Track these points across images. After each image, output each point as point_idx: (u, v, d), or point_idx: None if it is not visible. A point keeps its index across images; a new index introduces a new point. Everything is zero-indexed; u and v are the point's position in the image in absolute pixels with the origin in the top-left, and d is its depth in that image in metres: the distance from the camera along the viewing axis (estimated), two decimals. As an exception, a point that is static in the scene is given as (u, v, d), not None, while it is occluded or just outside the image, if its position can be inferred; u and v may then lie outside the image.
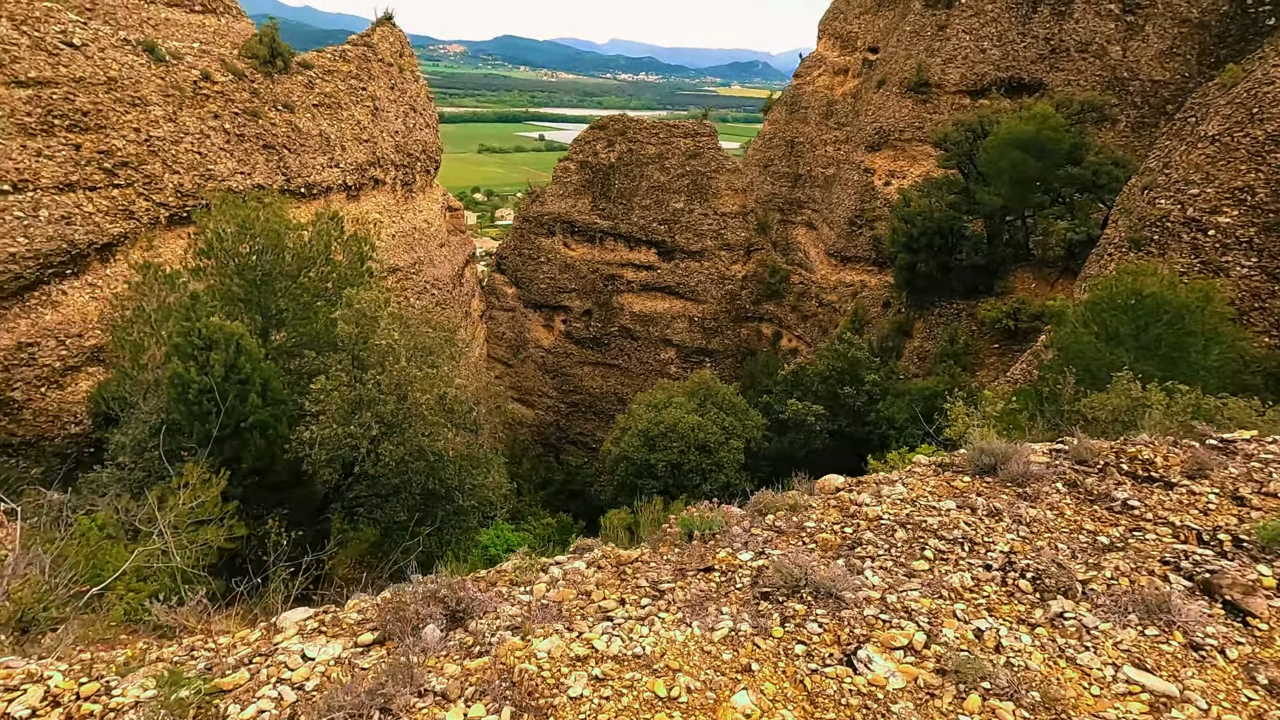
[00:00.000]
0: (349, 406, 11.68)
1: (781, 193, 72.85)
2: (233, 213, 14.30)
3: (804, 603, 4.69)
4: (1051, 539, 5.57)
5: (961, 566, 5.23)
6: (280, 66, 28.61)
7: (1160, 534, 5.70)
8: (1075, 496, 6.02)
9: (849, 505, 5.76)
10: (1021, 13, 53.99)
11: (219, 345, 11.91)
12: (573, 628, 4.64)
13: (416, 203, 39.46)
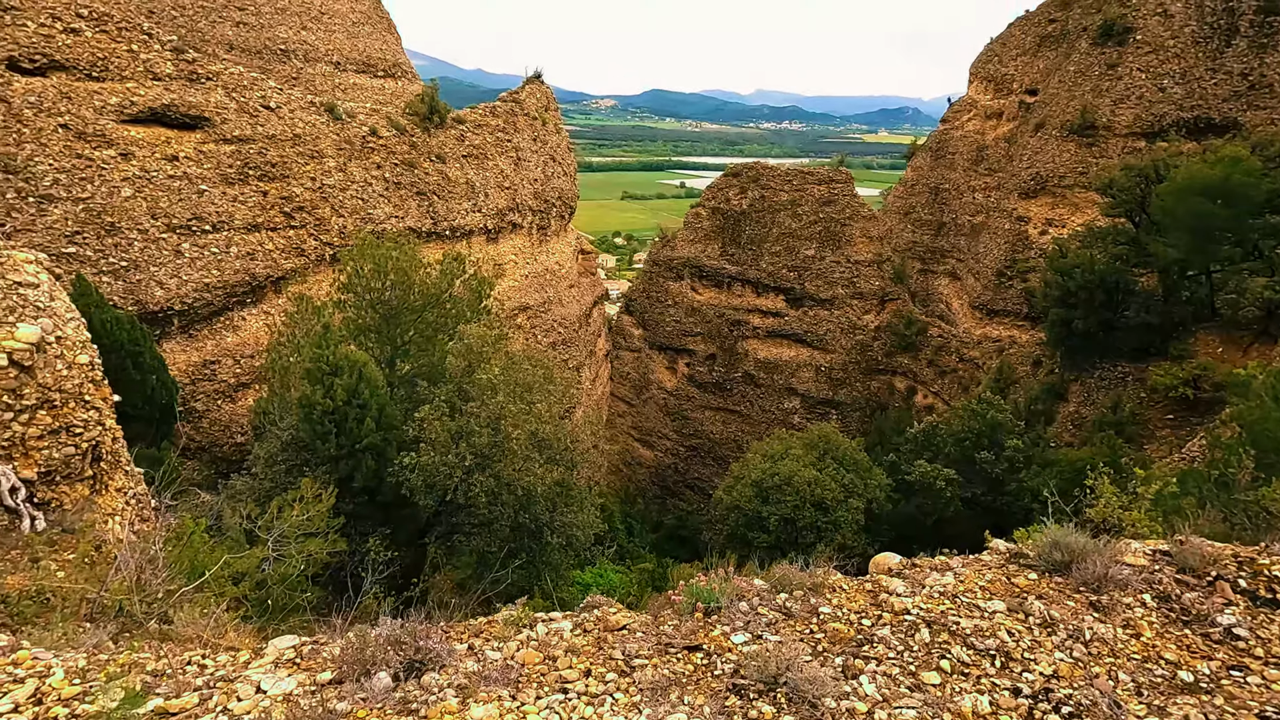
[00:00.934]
0: (448, 436, 12.31)
1: (923, 241, 69.35)
2: (371, 252, 15.80)
3: (774, 705, 4.10)
4: (1113, 665, 4.49)
5: (983, 686, 4.32)
6: (436, 122, 31.62)
7: (1270, 678, 4.42)
8: (1164, 614, 4.78)
9: (880, 592, 4.96)
10: (1211, 47, 48.52)
11: (344, 372, 13.06)
12: (517, 697, 4.34)
13: (550, 245, 41.65)
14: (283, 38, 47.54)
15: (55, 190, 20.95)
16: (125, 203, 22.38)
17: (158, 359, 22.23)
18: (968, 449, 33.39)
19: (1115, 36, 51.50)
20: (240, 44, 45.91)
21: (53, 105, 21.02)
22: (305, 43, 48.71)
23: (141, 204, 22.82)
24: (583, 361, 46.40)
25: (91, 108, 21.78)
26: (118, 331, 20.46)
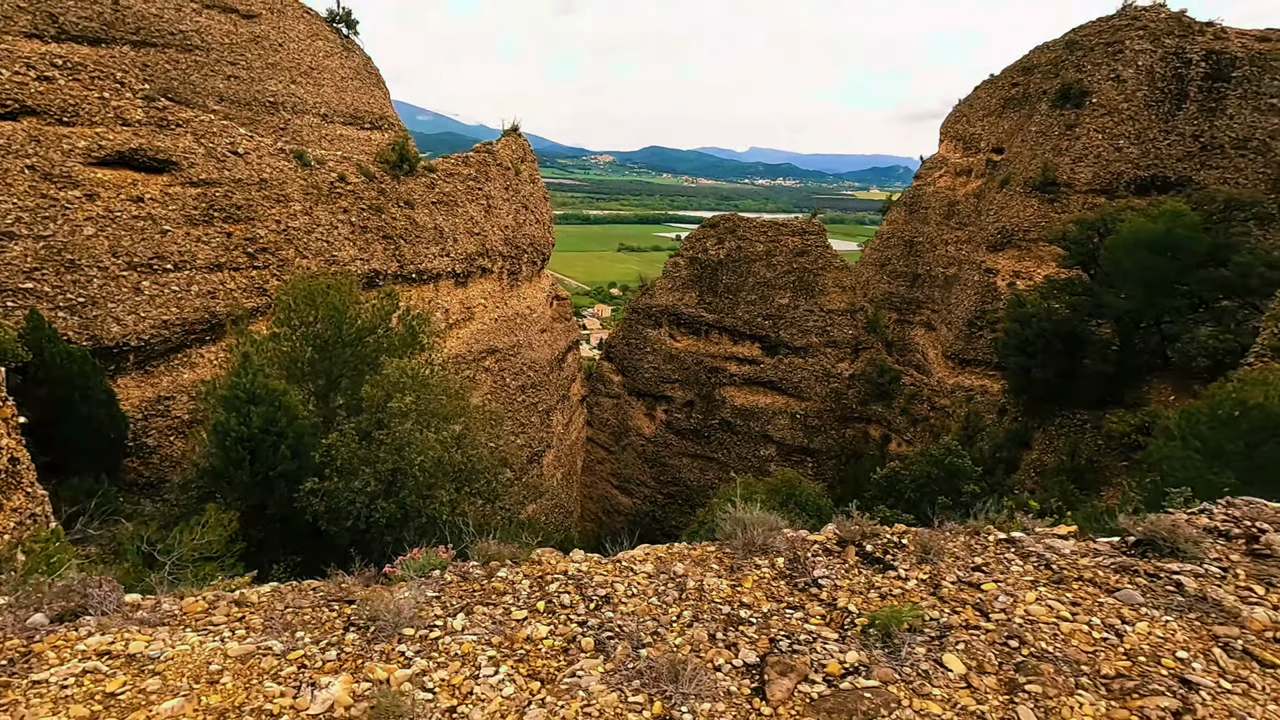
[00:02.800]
0: (356, 462, 12.58)
1: (899, 292, 70.70)
2: (303, 287, 16.35)
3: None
4: (697, 606, 5.20)
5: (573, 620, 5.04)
6: (406, 169, 32.74)
7: (810, 612, 5.13)
8: (780, 571, 5.30)
9: (554, 571, 5.42)
10: (1163, 110, 50.74)
11: (262, 400, 13.40)
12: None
13: (521, 290, 42.45)
14: (272, 90, 49.31)
15: (16, 228, 21.61)
16: (87, 241, 23.05)
17: (108, 393, 22.52)
18: (927, 494, 33.49)
19: (1072, 100, 53.81)
20: (231, 96, 47.60)
21: (21, 148, 21.90)
22: (294, 95, 50.49)
23: (103, 242, 23.49)
24: (554, 406, 46.65)
25: (60, 150, 22.67)
26: (68, 365, 20.83)
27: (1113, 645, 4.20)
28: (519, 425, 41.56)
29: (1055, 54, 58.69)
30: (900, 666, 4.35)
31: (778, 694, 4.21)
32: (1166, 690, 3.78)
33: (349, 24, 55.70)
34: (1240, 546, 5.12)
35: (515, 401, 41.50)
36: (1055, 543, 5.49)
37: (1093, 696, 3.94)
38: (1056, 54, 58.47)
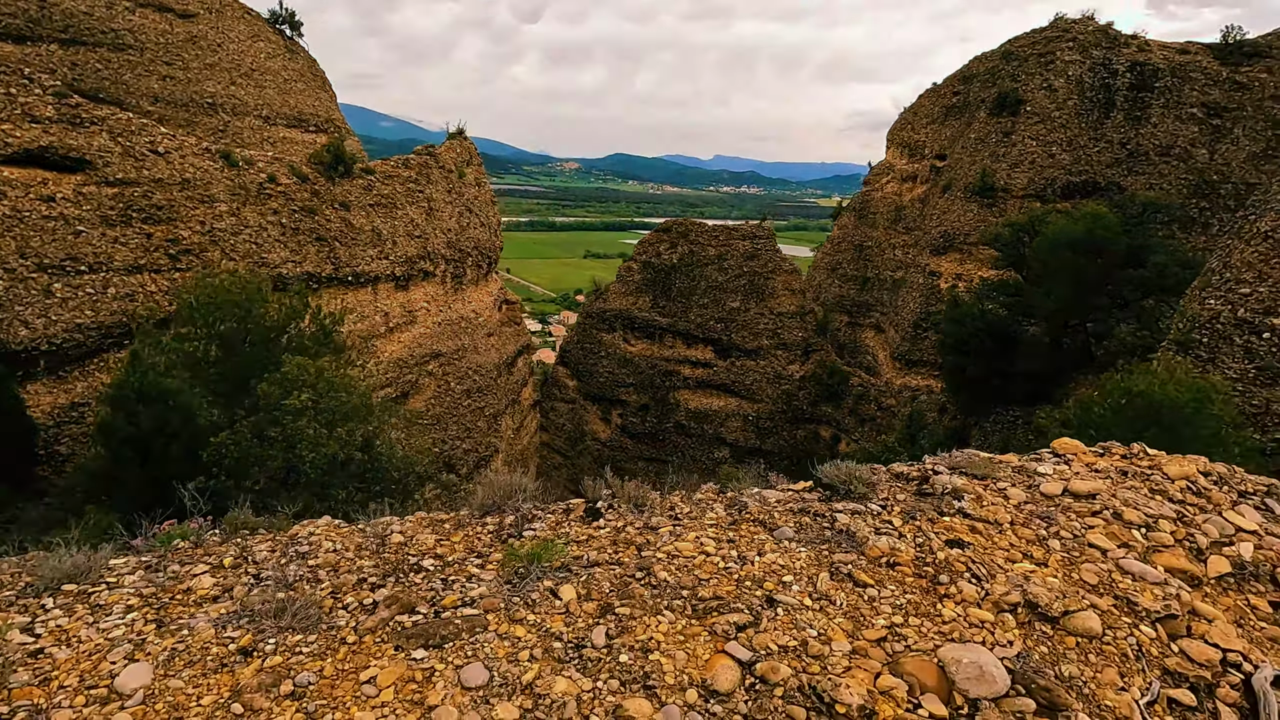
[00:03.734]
0: (249, 463, 12.35)
1: (850, 295, 72.04)
2: (204, 286, 15.99)
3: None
4: (376, 562, 5.50)
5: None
6: (341, 171, 32.27)
7: (489, 558, 5.56)
8: (494, 529, 5.59)
9: (297, 535, 5.53)
10: (1092, 118, 52.78)
11: (152, 400, 13.05)
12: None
13: (466, 294, 42.11)
14: (211, 92, 48.19)
15: (-87, 227, 20.74)
16: (-8, 241, 22.20)
17: (14, 399, 21.67)
18: (866, 492, 34.12)
19: (1009, 107, 55.63)
20: (166, 97, 46.37)
21: (-82, 144, 21.04)
22: (234, 97, 49.42)
23: (10, 243, 22.65)
24: (502, 410, 46.29)
25: (-38, 148, 21.83)
26: (-33, 370, 20.00)
27: (730, 573, 4.38)
28: (464, 430, 41.14)
29: (993, 64, 60.66)
30: (512, 596, 4.49)
31: (368, 623, 4.40)
32: (746, 608, 3.96)
33: (293, 25, 54.80)
34: (912, 488, 5.36)
35: (460, 406, 41.09)
36: (767, 493, 5.71)
37: (673, 616, 4.15)
38: (994, 64, 60.45)
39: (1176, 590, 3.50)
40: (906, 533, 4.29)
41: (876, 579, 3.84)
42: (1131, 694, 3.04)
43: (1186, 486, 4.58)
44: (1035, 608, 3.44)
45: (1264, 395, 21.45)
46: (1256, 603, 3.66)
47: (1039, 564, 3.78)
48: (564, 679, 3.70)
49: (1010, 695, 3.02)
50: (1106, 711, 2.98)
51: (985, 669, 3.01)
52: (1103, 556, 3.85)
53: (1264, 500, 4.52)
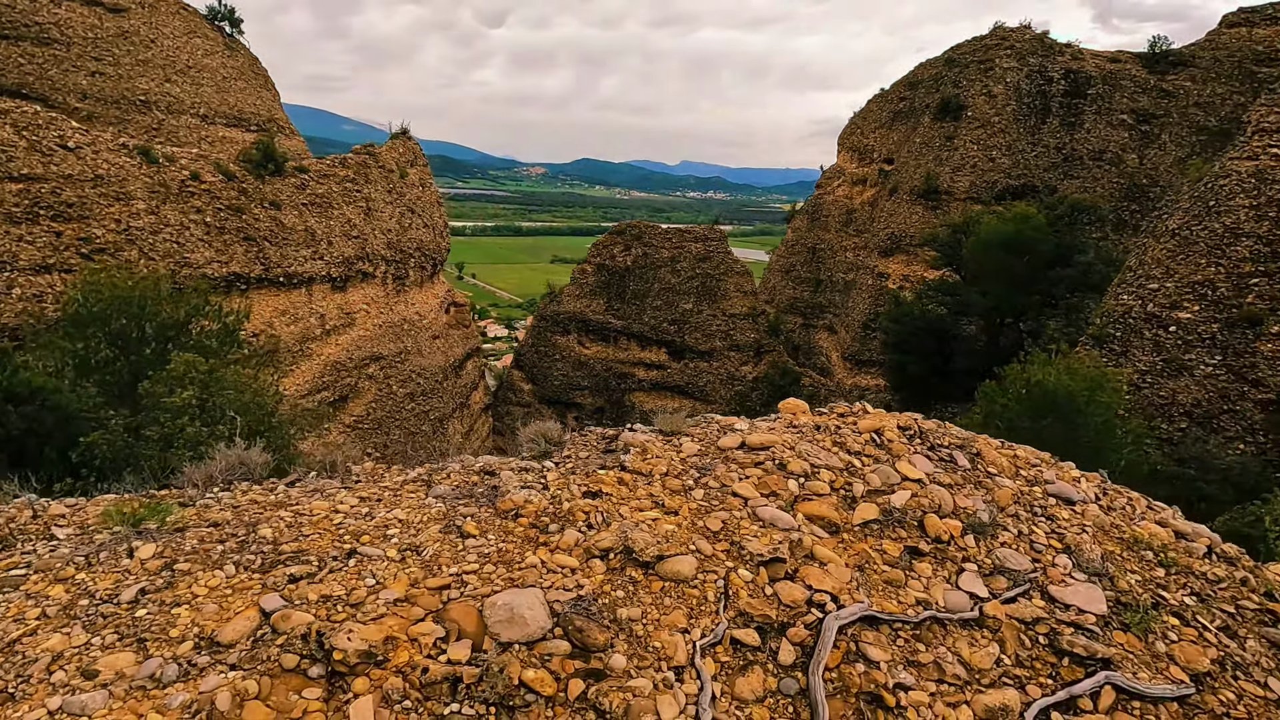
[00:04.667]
0: (120, 463, 11.88)
1: (804, 297, 73.01)
2: (92, 284, 15.38)
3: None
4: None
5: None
6: (272, 169, 31.51)
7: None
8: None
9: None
10: (1030, 124, 54.33)
11: (22, 399, 12.45)
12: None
13: (409, 296, 41.46)
14: (144, 89, 46.74)
15: None
16: (-120, 239, 21.13)
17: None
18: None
19: (951, 113, 57.00)
20: (96, 93, 44.83)
21: None
22: (169, 95, 48.01)
23: (-98, 241, 21.59)
24: (449, 414, 45.64)
25: None
26: None
27: (341, 528, 4.32)
28: (407, 434, 40.46)
29: (937, 70, 62.15)
30: (76, 555, 4.38)
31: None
32: (318, 561, 3.93)
33: (233, 22, 53.50)
34: (602, 445, 5.36)
35: (403, 410, 40.41)
36: (474, 460, 5.69)
37: (233, 570, 4.13)
38: (938, 70, 61.94)
39: (799, 536, 3.49)
40: (553, 485, 4.23)
41: (483, 530, 3.76)
42: (692, 635, 3.01)
43: (870, 440, 4.60)
44: (631, 553, 3.39)
45: (1170, 386, 22.21)
46: (888, 547, 3.67)
47: (670, 512, 3.75)
48: (60, 635, 3.54)
49: (546, 639, 2.96)
50: (653, 653, 2.93)
51: (517, 612, 2.95)
52: (741, 504, 3.83)
53: (952, 453, 4.58)
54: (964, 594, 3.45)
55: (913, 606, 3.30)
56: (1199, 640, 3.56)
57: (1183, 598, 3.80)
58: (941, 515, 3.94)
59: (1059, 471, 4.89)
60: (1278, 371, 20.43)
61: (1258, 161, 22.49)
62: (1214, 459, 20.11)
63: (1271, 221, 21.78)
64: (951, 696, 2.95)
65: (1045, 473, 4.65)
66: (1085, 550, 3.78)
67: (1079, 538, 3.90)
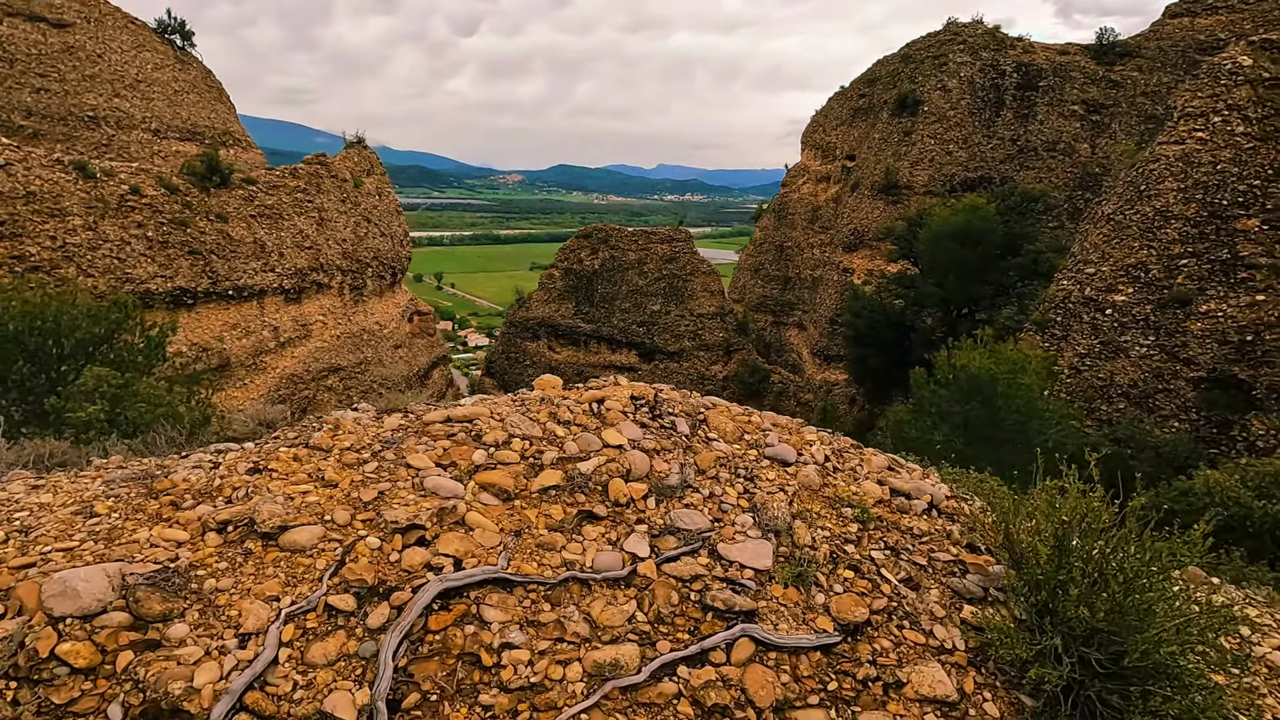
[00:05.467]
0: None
1: (773, 295, 73.41)
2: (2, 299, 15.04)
3: None
4: None
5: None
6: (217, 182, 31.12)
7: None
8: None
9: None
10: (984, 117, 55.14)
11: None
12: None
13: (368, 306, 41.09)
14: (91, 104, 46.06)
15: None
16: None
17: None
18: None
19: (908, 108, 57.67)
20: (41, 110, 44.11)
21: None
22: (119, 110, 47.35)
23: None
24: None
25: None
26: None
27: None
28: (369, 445, 39.95)
29: (894, 67, 62.90)
30: None
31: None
32: None
33: (184, 35, 52.86)
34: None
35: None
36: None
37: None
38: (895, 67, 62.68)
39: (457, 503, 3.48)
40: (225, 465, 4.19)
41: (114, 509, 3.71)
42: (282, 603, 2.99)
43: (588, 409, 4.61)
44: (253, 525, 3.37)
45: (1107, 368, 22.57)
46: (554, 511, 3.67)
47: (329, 485, 3.72)
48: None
49: (105, 612, 2.93)
50: (224, 621, 2.90)
51: (70, 585, 2.91)
52: (411, 475, 3.81)
53: (675, 420, 4.60)
54: (622, 555, 3.45)
55: (557, 568, 3.29)
56: (870, 592, 3.60)
57: (872, 552, 3.84)
58: (630, 480, 3.95)
59: (790, 436, 4.92)
60: (1207, 349, 20.85)
61: (1184, 145, 22.98)
62: (1148, 438, 20.44)
63: (1198, 203, 22.25)
64: (564, 654, 2.94)
65: (770, 436, 4.68)
66: (772, 509, 3.81)
67: (772, 497, 3.93)
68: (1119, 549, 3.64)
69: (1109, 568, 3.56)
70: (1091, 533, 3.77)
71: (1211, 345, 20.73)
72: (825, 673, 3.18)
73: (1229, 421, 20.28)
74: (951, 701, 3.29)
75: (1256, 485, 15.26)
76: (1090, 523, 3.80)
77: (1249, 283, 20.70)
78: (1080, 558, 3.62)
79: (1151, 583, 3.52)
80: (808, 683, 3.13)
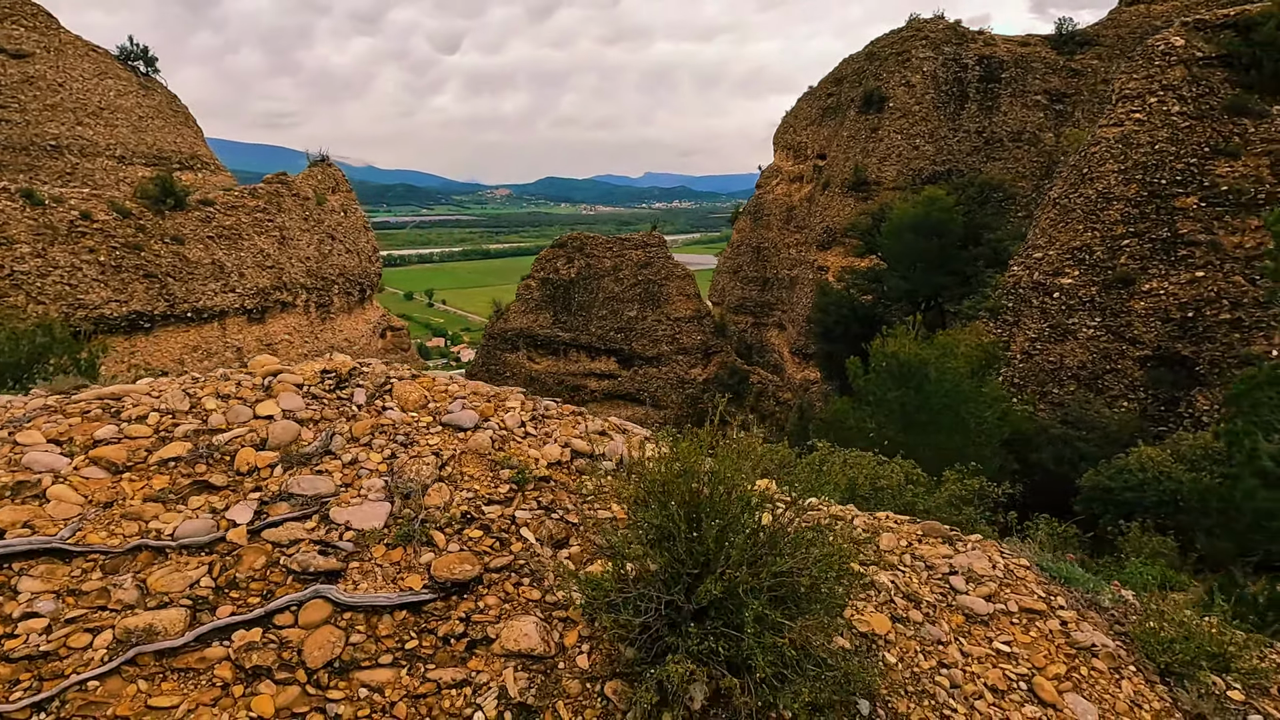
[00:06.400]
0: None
1: (752, 296, 73.60)
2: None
3: None
4: None
5: None
6: (172, 204, 31.02)
7: None
8: None
9: None
10: (949, 111, 55.52)
11: None
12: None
13: (336, 323, 40.94)
14: (54, 133, 45.94)
15: None
16: None
17: None
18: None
19: (874, 105, 58.04)
20: (3, 141, 43.99)
21: None
22: (82, 138, 47.23)
23: None
24: (391, 439, 44.83)
25: None
26: None
27: None
28: (341, 462, 39.72)
29: (859, 64, 63.34)
30: None
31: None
32: None
33: (147, 61, 52.86)
34: None
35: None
36: None
37: None
38: (860, 64, 63.12)
39: (42, 476, 3.41)
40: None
41: None
42: None
43: (260, 384, 4.57)
44: None
45: (1057, 351, 22.61)
46: (159, 481, 3.61)
47: None
48: None
49: None
50: None
51: None
52: (14, 449, 3.72)
53: (353, 391, 4.54)
54: (217, 521, 3.39)
55: (130, 537, 3.22)
56: (496, 550, 3.54)
57: (518, 511, 3.79)
58: (265, 449, 3.89)
59: (483, 404, 4.85)
60: (1152, 328, 20.91)
61: (1123, 127, 23.12)
62: (1097, 419, 20.44)
63: (1138, 184, 22.37)
64: (97, 622, 2.87)
65: (454, 404, 4.62)
66: (409, 472, 3.75)
67: (417, 460, 3.87)
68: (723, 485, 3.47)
69: (709, 505, 3.39)
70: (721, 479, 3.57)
71: (1155, 324, 20.79)
72: (408, 631, 3.11)
73: (1175, 399, 20.32)
74: (539, 654, 3.25)
75: (1190, 459, 15.27)
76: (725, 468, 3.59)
77: (1189, 260, 20.78)
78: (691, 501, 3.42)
79: (745, 518, 3.38)
80: (386, 642, 3.06)
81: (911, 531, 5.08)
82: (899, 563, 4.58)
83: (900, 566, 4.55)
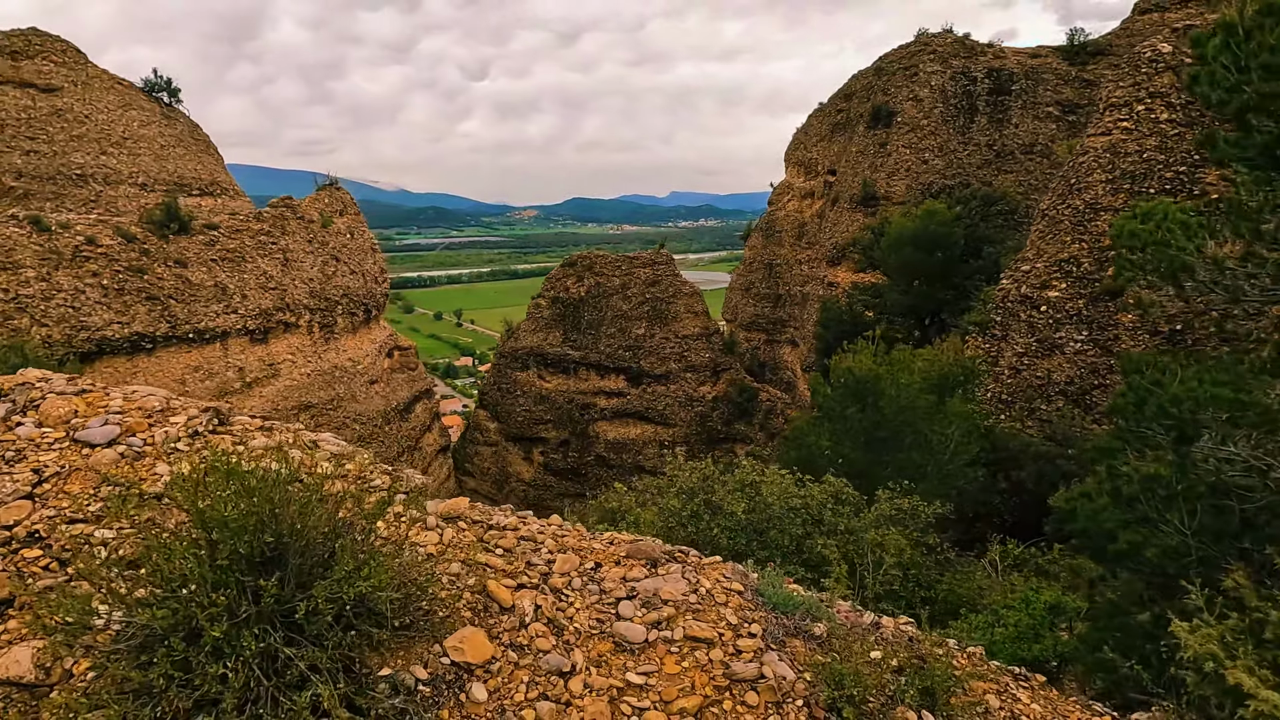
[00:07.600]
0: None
1: (765, 313, 73.04)
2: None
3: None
4: None
5: None
6: (176, 229, 32.02)
7: None
8: None
9: None
10: (959, 124, 54.82)
11: None
12: None
13: (340, 344, 41.65)
14: (79, 163, 47.90)
15: None
16: None
17: None
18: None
19: (882, 120, 57.63)
20: (31, 171, 45.93)
21: None
22: (106, 166, 49.16)
23: None
24: (395, 458, 45.35)
25: None
26: None
27: None
28: (342, 480, 40.19)
29: (868, 80, 63.02)
30: None
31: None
32: None
33: (170, 92, 55.02)
34: None
35: (338, 456, 40.18)
36: None
37: None
38: (868, 80, 62.80)
39: None
40: None
41: None
42: None
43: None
44: None
45: (1044, 366, 21.92)
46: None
47: None
48: None
49: None
50: None
51: None
52: None
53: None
54: None
55: None
56: (30, 571, 3.44)
57: (101, 531, 3.72)
58: None
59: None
60: (1139, 342, 20.15)
61: (1110, 136, 22.52)
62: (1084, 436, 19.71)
63: (1126, 194, 21.71)
64: None
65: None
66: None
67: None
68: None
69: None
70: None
71: (1143, 337, 20.01)
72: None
73: (1166, 415, 19.47)
74: (28, 683, 3.05)
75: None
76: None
77: (1177, 271, 20.03)
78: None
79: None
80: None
81: (612, 553, 4.83)
82: (564, 586, 4.35)
83: (566, 590, 4.33)
